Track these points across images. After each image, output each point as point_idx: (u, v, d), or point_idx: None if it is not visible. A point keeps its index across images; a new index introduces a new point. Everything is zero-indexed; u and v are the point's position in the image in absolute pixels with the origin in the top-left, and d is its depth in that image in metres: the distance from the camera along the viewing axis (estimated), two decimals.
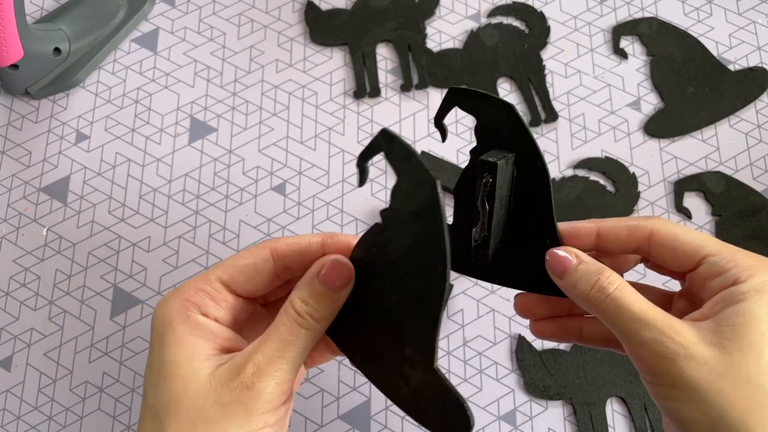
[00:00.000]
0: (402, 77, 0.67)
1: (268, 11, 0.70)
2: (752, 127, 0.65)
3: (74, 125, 0.66)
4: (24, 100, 0.66)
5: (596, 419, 0.55)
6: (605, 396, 0.56)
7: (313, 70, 0.67)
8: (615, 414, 0.55)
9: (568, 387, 0.56)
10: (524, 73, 0.66)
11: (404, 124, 0.65)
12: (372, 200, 0.62)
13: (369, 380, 0.40)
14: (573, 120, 0.65)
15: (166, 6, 0.70)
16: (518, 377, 0.57)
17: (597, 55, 0.67)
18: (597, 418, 0.55)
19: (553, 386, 0.56)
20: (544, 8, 0.69)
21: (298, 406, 0.56)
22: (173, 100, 0.66)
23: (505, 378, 0.57)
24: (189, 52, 0.68)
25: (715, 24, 0.68)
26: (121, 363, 0.58)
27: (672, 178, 0.63)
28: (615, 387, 0.56)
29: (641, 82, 0.66)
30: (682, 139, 0.64)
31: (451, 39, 0.68)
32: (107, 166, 0.64)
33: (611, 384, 0.56)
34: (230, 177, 0.63)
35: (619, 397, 0.56)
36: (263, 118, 0.65)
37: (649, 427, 0.55)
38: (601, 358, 0.57)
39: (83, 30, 0.65)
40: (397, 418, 0.56)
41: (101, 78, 0.67)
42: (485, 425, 0.56)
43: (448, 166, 0.62)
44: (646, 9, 0.69)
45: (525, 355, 0.57)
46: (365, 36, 0.68)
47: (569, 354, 0.57)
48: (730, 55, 0.67)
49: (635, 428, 0.55)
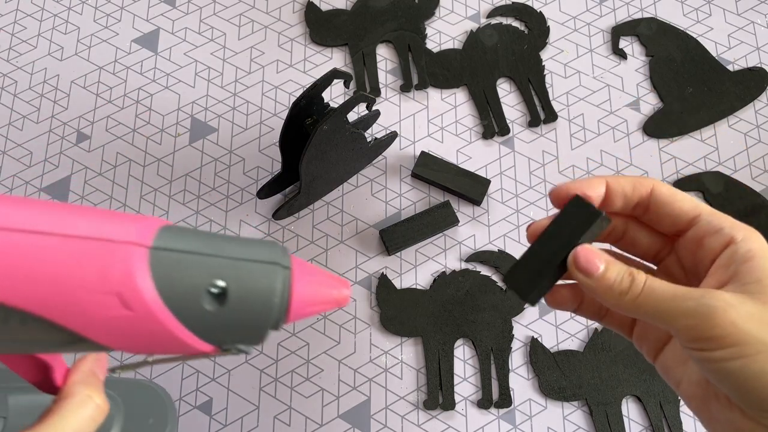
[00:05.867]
0: (402, 77, 0.67)
1: (269, 12, 0.70)
2: (751, 127, 0.65)
3: (75, 125, 0.66)
4: (24, 100, 0.67)
5: (612, 419, 0.55)
6: (620, 395, 0.56)
7: (313, 71, 0.67)
8: (630, 412, 0.56)
9: (584, 387, 0.56)
10: (524, 73, 0.67)
11: (404, 124, 0.65)
12: (372, 200, 0.63)
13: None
14: (572, 120, 0.65)
15: (166, 6, 0.70)
16: (517, 377, 0.57)
17: (596, 55, 0.68)
18: (613, 418, 0.55)
19: (569, 387, 0.56)
20: (543, 9, 0.69)
21: (298, 405, 0.57)
22: (174, 101, 0.66)
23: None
24: (189, 52, 0.68)
25: (714, 24, 0.68)
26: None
27: (671, 178, 0.63)
28: (630, 386, 0.56)
29: (640, 83, 0.66)
30: (681, 139, 0.64)
31: (451, 39, 0.68)
32: (108, 166, 0.64)
33: (626, 383, 0.56)
34: (230, 177, 0.64)
35: (635, 395, 0.56)
36: (264, 118, 0.66)
37: (666, 424, 0.55)
38: (614, 357, 0.57)
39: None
40: (397, 417, 0.56)
41: (102, 78, 0.67)
42: (485, 425, 0.56)
43: (448, 166, 0.62)
44: (645, 9, 0.69)
45: (539, 358, 0.57)
46: (365, 36, 0.68)
47: (583, 354, 0.57)
48: (729, 56, 0.67)
49: (652, 426, 0.55)
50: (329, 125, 0.55)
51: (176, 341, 0.29)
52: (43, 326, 0.28)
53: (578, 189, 0.37)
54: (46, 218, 0.28)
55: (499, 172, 0.63)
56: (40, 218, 0.28)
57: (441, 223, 0.61)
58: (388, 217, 0.62)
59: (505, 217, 0.62)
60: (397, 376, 0.57)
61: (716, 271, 0.35)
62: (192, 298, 0.29)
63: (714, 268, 0.36)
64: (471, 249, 0.61)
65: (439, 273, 0.60)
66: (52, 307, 0.27)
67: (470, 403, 0.56)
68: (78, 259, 0.27)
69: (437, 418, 0.56)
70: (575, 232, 0.37)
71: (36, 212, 0.28)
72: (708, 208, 0.37)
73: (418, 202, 0.62)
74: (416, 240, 0.60)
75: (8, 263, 0.27)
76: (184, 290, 0.28)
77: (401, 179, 0.63)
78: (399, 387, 0.57)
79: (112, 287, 0.28)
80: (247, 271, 0.29)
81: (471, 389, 0.57)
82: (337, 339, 0.58)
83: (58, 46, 0.69)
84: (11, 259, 0.27)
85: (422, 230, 0.60)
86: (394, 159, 0.64)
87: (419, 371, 0.57)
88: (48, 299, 0.27)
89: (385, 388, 0.57)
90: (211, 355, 0.31)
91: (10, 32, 0.69)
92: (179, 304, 0.28)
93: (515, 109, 0.66)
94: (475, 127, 0.65)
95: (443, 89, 0.66)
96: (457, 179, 0.62)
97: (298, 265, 0.31)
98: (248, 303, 0.29)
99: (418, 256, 0.61)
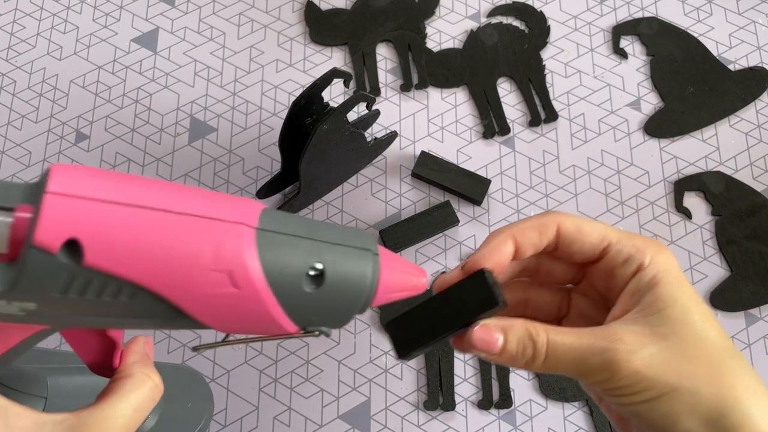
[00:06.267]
0: (402, 77, 0.66)
1: (268, 11, 0.70)
2: (752, 127, 0.65)
3: (74, 125, 0.65)
4: (23, 100, 0.66)
5: None
6: None
7: (313, 70, 0.67)
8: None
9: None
10: (524, 72, 0.66)
11: (404, 123, 0.65)
12: (372, 200, 0.62)
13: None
14: (573, 120, 0.65)
15: (165, 6, 0.70)
16: (518, 377, 0.57)
17: (597, 54, 0.67)
18: None
19: (569, 388, 0.56)
20: (544, 8, 0.69)
21: (298, 406, 0.56)
22: (173, 100, 0.66)
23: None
24: (189, 51, 0.68)
25: (715, 24, 0.68)
26: None
27: (672, 177, 0.63)
28: None
29: (641, 82, 0.66)
30: (682, 139, 0.64)
31: (451, 39, 0.68)
32: (107, 166, 0.64)
33: None
34: (230, 177, 0.63)
35: None
36: (263, 118, 0.65)
37: None
38: None
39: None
40: (398, 418, 0.56)
41: (101, 77, 0.67)
42: (485, 425, 0.56)
43: (448, 166, 0.62)
44: (646, 9, 0.69)
45: None
46: (365, 36, 0.68)
47: None
48: (730, 55, 0.67)
49: None
50: (329, 125, 0.55)
51: (270, 321, 0.30)
52: (149, 301, 0.29)
53: (486, 260, 0.37)
54: (161, 195, 0.29)
55: (500, 171, 0.63)
56: (157, 195, 0.29)
57: (441, 223, 0.60)
58: (388, 217, 0.62)
59: (505, 217, 0.62)
60: (397, 377, 0.57)
61: (623, 298, 0.37)
62: (293, 279, 0.30)
63: (622, 296, 0.37)
64: (471, 249, 0.61)
65: (439, 273, 0.60)
66: (165, 281, 0.29)
67: (470, 403, 0.56)
68: (193, 236, 0.29)
69: (437, 418, 0.56)
70: (471, 309, 0.36)
71: (152, 190, 0.29)
72: (616, 236, 0.37)
73: (418, 202, 0.62)
74: (416, 240, 0.60)
75: (129, 238, 0.28)
76: (287, 271, 0.30)
77: (401, 179, 0.63)
78: (399, 387, 0.57)
79: (225, 265, 0.29)
80: (342, 255, 0.31)
81: (471, 390, 0.57)
82: (336, 339, 0.58)
83: (57, 46, 0.68)
84: (132, 234, 0.28)
85: (422, 230, 0.60)
86: (394, 159, 0.64)
87: (419, 372, 0.57)
88: (163, 273, 0.28)
89: (385, 389, 0.57)
90: (292, 336, 0.32)
91: (9, 32, 0.69)
92: (281, 284, 0.30)
93: (516, 108, 0.65)
94: (476, 126, 0.65)
95: (443, 89, 0.66)
96: (458, 179, 0.61)
97: (383, 252, 0.33)
98: (342, 286, 0.31)
99: (418, 256, 0.61)
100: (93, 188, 0.28)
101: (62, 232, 0.27)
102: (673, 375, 0.34)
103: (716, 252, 0.60)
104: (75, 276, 0.28)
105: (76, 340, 0.36)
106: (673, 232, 0.61)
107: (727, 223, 0.61)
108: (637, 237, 0.37)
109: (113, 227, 0.28)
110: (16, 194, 0.29)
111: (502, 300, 0.35)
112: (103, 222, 0.28)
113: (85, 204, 0.28)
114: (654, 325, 0.35)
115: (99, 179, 0.29)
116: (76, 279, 0.28)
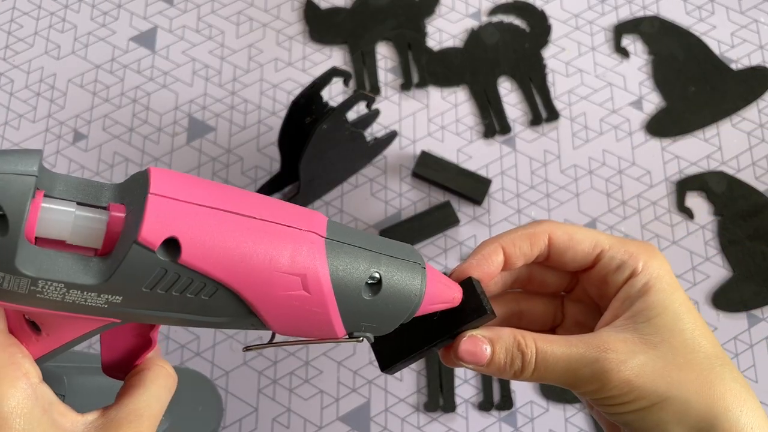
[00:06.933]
0: (402, 76, 0.66)
1: (267, 10, 0.69)
2: (754, 127, 0.64)
3: (72, 125, 0.65)
4: (21, 99, 0.66)
5: None
6: None
7: (312, 69, 0.67)
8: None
9: None
10: (525, 72, 0.66)
11: (404, 123, 0.65)
12: (372, 200, 0.62)
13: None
14: (574, 119, 0.65)
15: (164, 5, 0.70)
16: None
17: (598, 54, 0.67)
18: None
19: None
20: (545, 7, 0.69)
21: (297, 407, 0.56)
22: (172, 100, 0.66)
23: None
24: (187, 51, 0.68)
25: (717, 23, 0.68)
26: None
27: (674, 177, 0.63)
28: None
29: (643, 81, 0.66)
30: (683, 139, 0.64)
31: (452, 38, 0.68)
32: (105, 166, 0.64)
33: None
34: (229, 177, 0.63)
35: None
36: (262, 117, 0.65)
37: None
38: None
39: None
40: (398, 419, 0.56)
41: (99, 77, 0.67)
42: (486, 427, 0.55)
43: (448, 165, 0.62)
44: (647, 8, 0.69)
45: None
46: (365, 35, 0.67)
47: None
48: (732, 54, 0.67)
49: None
50: (328, 124, 0.55)
51: (328, 324, 0.33)
52: (226, 299, 0.31)
53: (474, 269, 0.37)
54: (245, 202, 0.32)
55: (500, 171, 0.63)
56: (241, 202, 0.32)
57: (441, 223, 0.60)
58: (388, 217, 0.62)
59: (506, 217, 0.61)
60: (397, 378, 0.57)
61: (614, 304, 0.37)
62: (355, 286, 0.32)
63: (613, 302, 0.37)
64: (472, 249, 0.60)
65: None
66: (247, 281, 0.31)
67: (471, 405, 0.56)
68: (274, 241, 0.31)
69: (438, 420, 0.56)
70: (459, 319, 0.36)
71: (236, 197, 0.32)
72: (608, 242, 0.37)
73: (418, 202, 0.62)
74: (416, 240, 0.60)
75: (220, 239, 0.30)
76: (350, 278, 0.32)
77: (401, 179, 0.63)
78: (399, 389, 0.57)
79: (299, 269, 0.31)
80: (397, 267, 0.33)
81: (472, 391, 0.56)
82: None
83: (54, 45, 0.68)
84: (223, 236, 0.30)
85: (422, 230, 0.60)
86: (394, 158, 0.63)
87: (419, 373, 0.57)
88: (246, 274, 0.31)
89: (385, 390, 0.57)
90: (336, 340, 0.34)
91: (6, 30, 0.69)
92: (344, 290, 0.32)
93: (516, 108, 0.65)
94: (476, 126, 0.65)
95: (444, 88, 0.66)
96: (458, 179, 0.61)
97: (428, 267, 0.35)
98: (395, 296, 0.33)
99: None
100: (188, 192, 0.31)
101: (164, 231, 0.29)
102: (663, 384, 0.34)
103: (718, 252, 0.60)
104: (167, 272, 0.30)
105: (113, 339, 0.37)
106: (675, 232, 0.61)
107: (729, 223, 0.60)
108: (629, 242, 0.37)
109: (207, 229, 0.30)
110: (106, 194, 0.31)
111: (490, 308, 0.35)
112: (199, 223, 0.30)
113: (183, 206, 0.30)
114: (645, 333, 0.35)
115: (191, 184, 0.31)
116: (167, 275, 0.30)
